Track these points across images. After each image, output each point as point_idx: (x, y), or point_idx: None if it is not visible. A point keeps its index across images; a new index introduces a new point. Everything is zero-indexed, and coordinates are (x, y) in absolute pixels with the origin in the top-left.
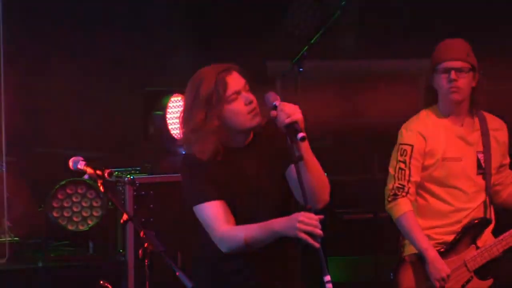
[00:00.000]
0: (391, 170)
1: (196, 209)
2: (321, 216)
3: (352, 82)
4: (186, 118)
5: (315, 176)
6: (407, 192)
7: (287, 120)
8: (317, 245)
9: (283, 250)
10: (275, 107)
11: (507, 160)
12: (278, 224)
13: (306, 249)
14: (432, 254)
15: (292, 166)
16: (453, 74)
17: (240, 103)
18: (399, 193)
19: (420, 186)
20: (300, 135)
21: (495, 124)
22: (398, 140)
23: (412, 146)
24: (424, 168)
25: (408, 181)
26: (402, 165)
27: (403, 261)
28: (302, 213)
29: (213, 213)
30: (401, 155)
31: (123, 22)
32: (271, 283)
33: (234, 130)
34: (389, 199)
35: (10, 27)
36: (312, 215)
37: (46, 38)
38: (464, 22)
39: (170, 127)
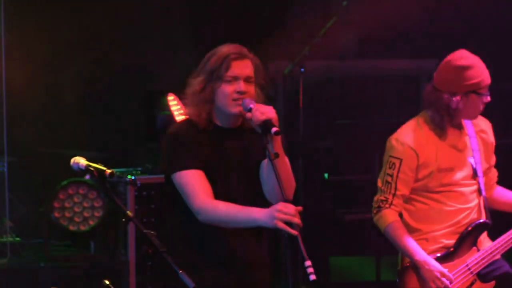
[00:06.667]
0: (379, 182)
1: (176, 176)
2: (300, 208)
3: (352, 82)
4: (191, 82)
5: (283, 174)
6: (391, 204)
7: (262, 117)
8: (295, 232)
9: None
10: (250, 110)
11: (494, 161)
12: (258, 212)
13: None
14: (421, 257)
15: (264, 162)
16: (489, 97)
17: (232, 88)
18: (382, 205)
19: (417, 193)
20: (274, 129)
21: (481, 125)
22: (387, 150)
23: (401, 160)
24: (418, 179)
25: (394, 194)
26: (389, 179)
27: (406, 268)
28: (280, 203)
29: (194, 182)
30: (389, 168)
31: (123, 22)
32: (239, 258)
33: (219, 109)
34: (374, 211)
35: (12, 27)
36: (289, 205)
37: (46, 39)
38: (463, 22)
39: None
